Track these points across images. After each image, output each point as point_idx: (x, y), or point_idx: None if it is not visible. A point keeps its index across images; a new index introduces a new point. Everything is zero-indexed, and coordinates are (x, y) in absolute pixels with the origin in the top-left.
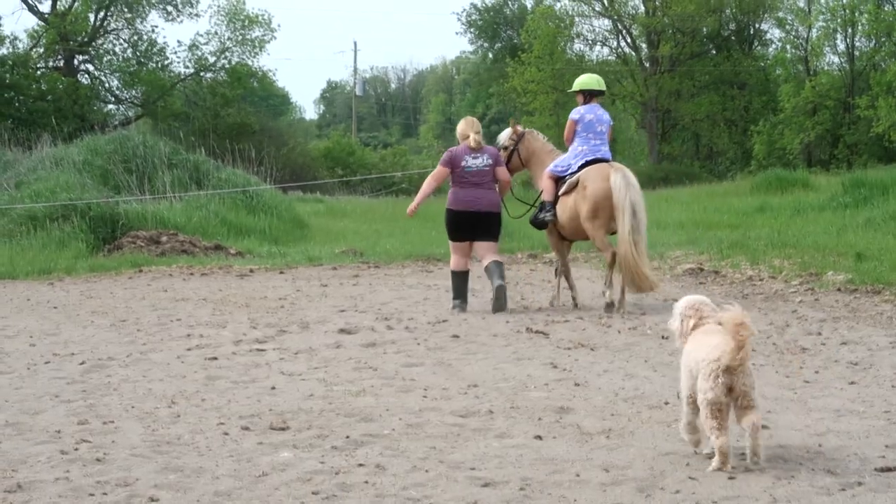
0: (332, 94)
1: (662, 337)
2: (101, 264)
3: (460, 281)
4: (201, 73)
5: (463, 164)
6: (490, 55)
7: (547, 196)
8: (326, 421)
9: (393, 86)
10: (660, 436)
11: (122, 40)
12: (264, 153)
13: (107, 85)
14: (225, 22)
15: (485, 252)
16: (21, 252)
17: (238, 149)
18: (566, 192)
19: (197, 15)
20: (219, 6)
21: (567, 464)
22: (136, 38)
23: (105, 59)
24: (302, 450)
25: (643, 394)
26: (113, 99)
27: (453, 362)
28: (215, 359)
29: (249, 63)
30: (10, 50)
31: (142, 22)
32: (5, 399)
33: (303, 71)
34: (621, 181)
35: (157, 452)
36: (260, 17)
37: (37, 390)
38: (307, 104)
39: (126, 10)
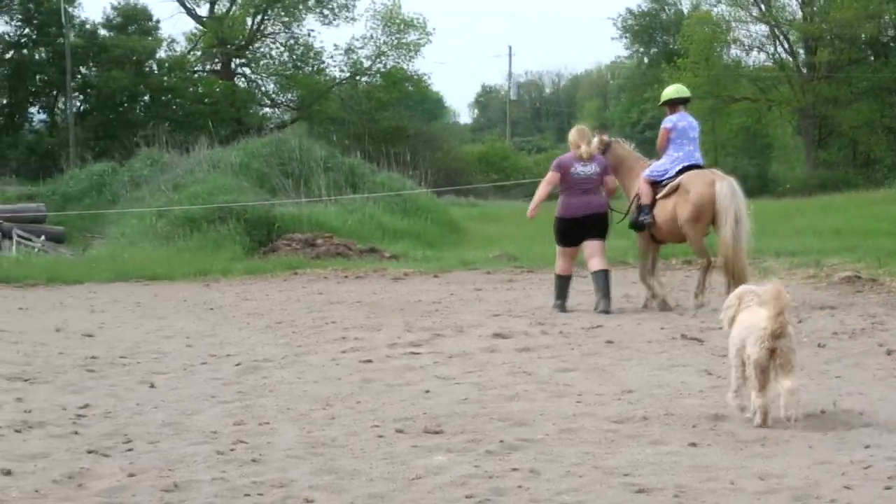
0: (486, 99)
1: (819, 345)
2: (256, 266)
3: (564, 283)
4: (357, 77)
5: (572, 170)
6: (645, 60)
7: (645, 199)
8: (480, 425)
9: (547, 90)
10: (816, 444)
11: (278, 44)
12: (419, 157)
13: (263, 88)
14: (381, 26)
15: (592, 252)
16: (178, 254)
17: (393, 153)
18: (665, 196)
19: (353, 19)
20: (375, 10)
21: (722, 471)
22: (292, 41)
23: (262, 62)
24: (456, 453)
25: (798, 401)
26: (269, 102)
27: (607, 368)
28: (370, 361)
29: (405, 67)
30: (169, 53)
31: (298, 26)
32: (163, 399)
33: (458, 75)
34: (727, 189)
35: (312, 454)
36: (415, 21)
37: (193, 391)
38: (462, 108)
39: (283, 13)
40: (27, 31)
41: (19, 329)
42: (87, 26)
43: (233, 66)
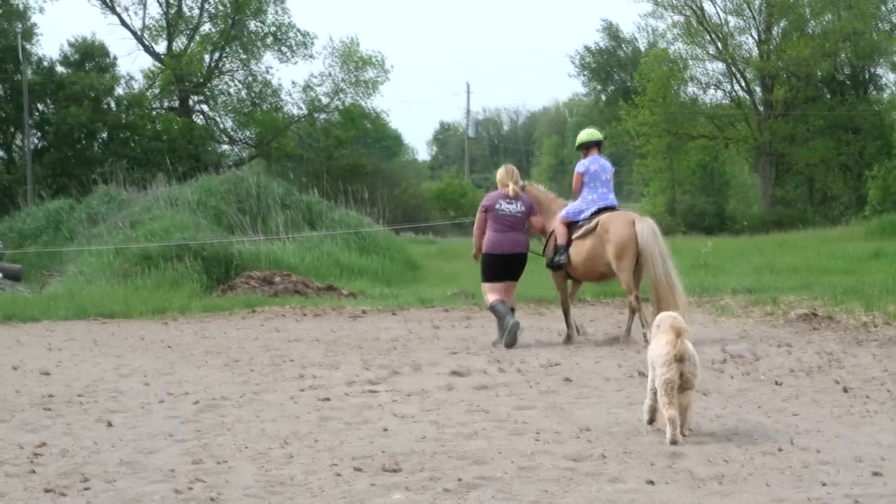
0: (444, 136)
1: (776, 383)
2: (214, 304)
3: (503, 305)
4: (315, 115)
5: (497, 207)
6: (603, 97)
7: (561, 240)
8: (439, 463)
9: (506, 127)
10: (773, 482)
11: (236, 81)
12: (377, 194)
13: (221, 125)
14: (339, 63)
15: (508, 293)
16: (136, 291)
17: (351, 190)
18: (581, 237)
19: (311, 56)
20: (333, 47)
21: None
22: (250, 79)
23: (220, 99)
24: (414, 492)
25: (756, 440)
26: (227, 139)
27: (566, 406)
28: (328, 399)
29: (363, 104)
30: (126, 90)
31: (256, 63)
32: (120, 438)
33: (416, 112)
34: (648, 229)
35: (270, 493)
36: (374, 59)
37: (151, 429)
38: (420, 145)
39: (241, 51)
40: None
41: None
42: (45, 63)
43: (191, 103)
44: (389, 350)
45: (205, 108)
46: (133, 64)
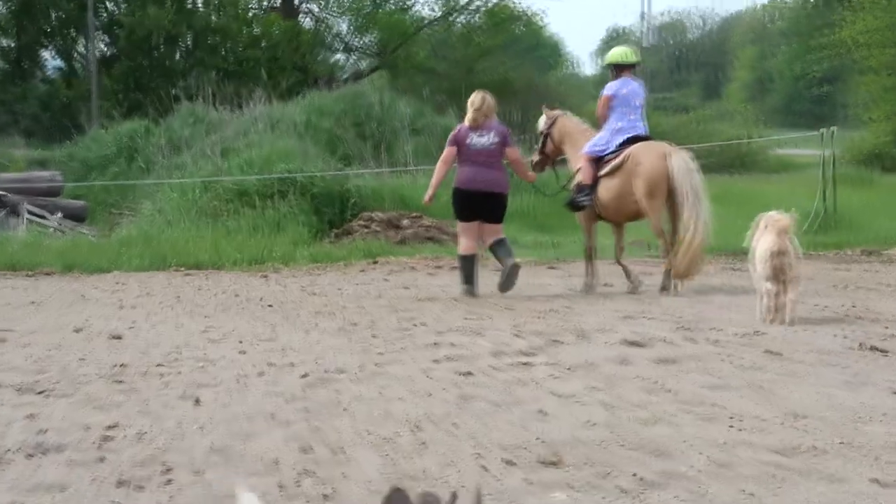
0: (615, 45)
1: None
2: (326, 253)
3: (470, 265)
4: (452, 16)
5: (468, 141)
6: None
7: (586, 178)
8: (609, 455)
9: (692, 35)
10: None
11: None
12: (530, 117)
13: (335, 30)
14: None
15: (490, 235)
16: (228, 236)
17: (500, 110)
18: (609, 174)
19: None
20: None
21: None
22: None
23: None
24: (580, 490)
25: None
26: (342, 47)
27: (769, 385)
28: (470, 374)
29: (512, 4)
30: None
31: None
32: (210, 418)
33: (579, 14)
34: (682, 164)
35: None
36: None
37: (248, 408)
38: (584, 56)
39: None
40: None
41: (30, 329)
42: None
43: (296, 1)
44: (547, 312)
45: (314, 7)
46: None
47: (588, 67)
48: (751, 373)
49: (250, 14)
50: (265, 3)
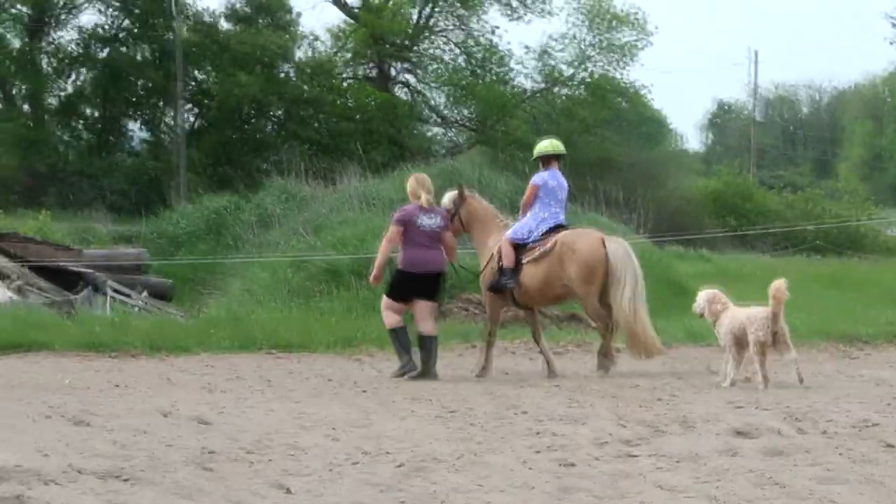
0: (723, 119)
1: None
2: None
3: (403, 334)
4: (554, 89)
5: (417, 222)
6: None
7: (508, 262)
8: None
9: (804, 109)
10: None
11: (451, 44)
12: (635, 195)
13: (431, 102)
14: (585, 22)
15: (424, 314)
16: (320, 317)
17: (601, 188)
18: (536, 259)
19: (549, 13)
20: (578, 2)
21: None
22: (469, 41)
23: (430, 68)
24: None
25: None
26: (439, 120)
27: (887, 480)
28: (572, 465)
29: (616, 76)
30: (309, 54)
31: (477, 21)
32: None
33: (684, 88)
34: (621, 250)
35: None
36: (631, 17)
37: (341, 499)
38: (690, 131)
39: (458, 4)
40: (126, 23)
41: (115, 413)
42: (205, 18)
43: (392, 72)
44: (651, 401)
45: (410, 78)
46: (318, 20)
47: (693, 143)
48: (866, 466)
49: (344, 84)
50: (360, 72)
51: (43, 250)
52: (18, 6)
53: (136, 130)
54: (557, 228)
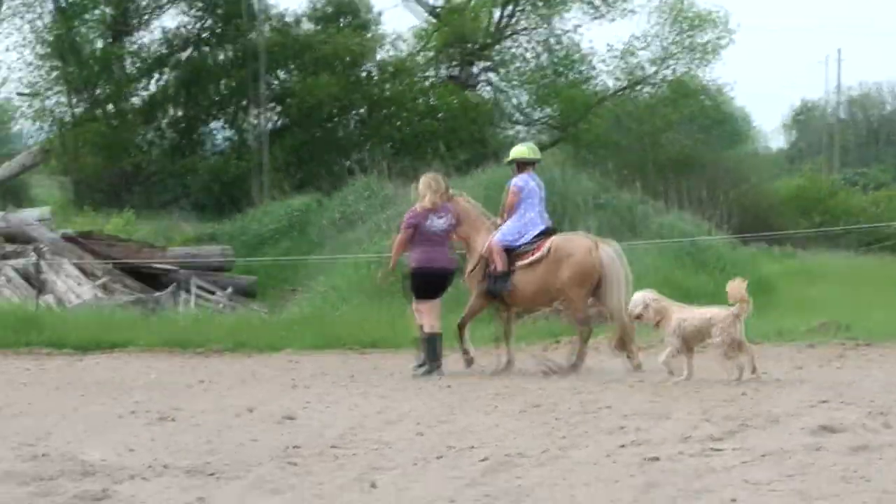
0: (806, 118)
1: None
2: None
3: (437, 344)
4: (636, 88)
5: (427, 223)
6: None
7: (501, 266)
8: None
9: (888, 107)
10: None
11: (534, 43)
12: (717, 193)
13: (514, 101)
14: (668, 21)
15: (433, 312)
16: (405, 314)
17: (684, 187)
18: (530, 265)
19: (631, 11)
20: (660, 1)
21: None
22: (552, 40)
23: (512, 67)
24: None
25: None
26: (521, 119)
27: None
28: (656, 459)
29: (699, 75)
30: (392, 54)
31: (560, 20)
32: (387, 502)
33: (768, 86)
34: (612, 255)
35: None
36: (713, 16)
37: (427, 493)
38: (773, 130)
39: (540, 3)
40: (208, 24)
41: (200, 409)
42: (287, 19)
43: (474, 71)
44: (736, 397)
45: (492, 77)
46: (399, 20)
47: (776, 142)
48: None
49: (426, 84)
50: (442, 72)
51: (128, 249)
52: (102, 7)
53: (220, 130)
54: (547, 233)
